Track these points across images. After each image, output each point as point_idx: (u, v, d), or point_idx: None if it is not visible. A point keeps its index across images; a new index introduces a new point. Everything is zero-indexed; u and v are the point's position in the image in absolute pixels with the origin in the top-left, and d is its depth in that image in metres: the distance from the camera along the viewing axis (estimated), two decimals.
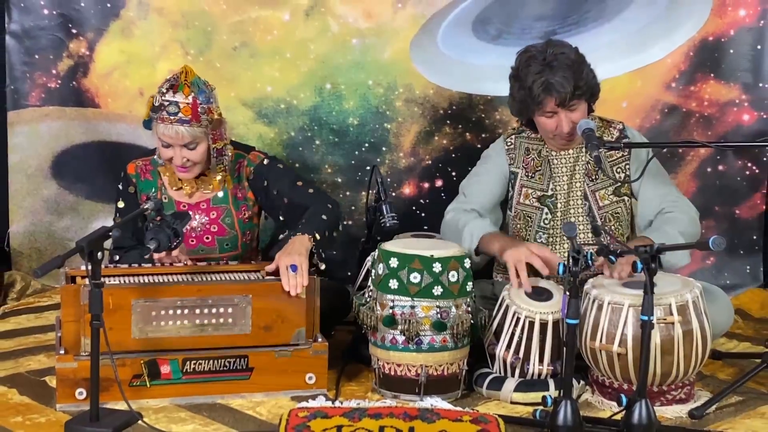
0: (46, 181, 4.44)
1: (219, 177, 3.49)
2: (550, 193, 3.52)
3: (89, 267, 2.83)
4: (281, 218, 3.54)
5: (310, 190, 3.50)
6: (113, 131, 4.42)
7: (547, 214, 3.52)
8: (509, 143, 3.61)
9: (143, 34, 4.35)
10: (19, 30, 4.33)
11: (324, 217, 3.36)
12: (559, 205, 3.52)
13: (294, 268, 3.14)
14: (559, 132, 3.41)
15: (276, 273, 3.18)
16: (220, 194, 3.52)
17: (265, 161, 3.56)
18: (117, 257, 3.49)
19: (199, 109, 3.33)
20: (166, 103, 3.32)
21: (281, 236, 3.50)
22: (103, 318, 2.83)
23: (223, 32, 4.36)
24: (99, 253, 2.85)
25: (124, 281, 3.20)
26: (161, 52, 4.36)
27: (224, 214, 3.52)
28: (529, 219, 3.54)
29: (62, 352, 3.04)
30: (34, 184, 4.43)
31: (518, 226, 3.56)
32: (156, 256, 3.24)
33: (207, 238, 3.51)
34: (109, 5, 4.32)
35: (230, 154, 3.49)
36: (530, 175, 3.56)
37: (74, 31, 4.34)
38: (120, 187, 3.56)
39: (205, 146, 3.39)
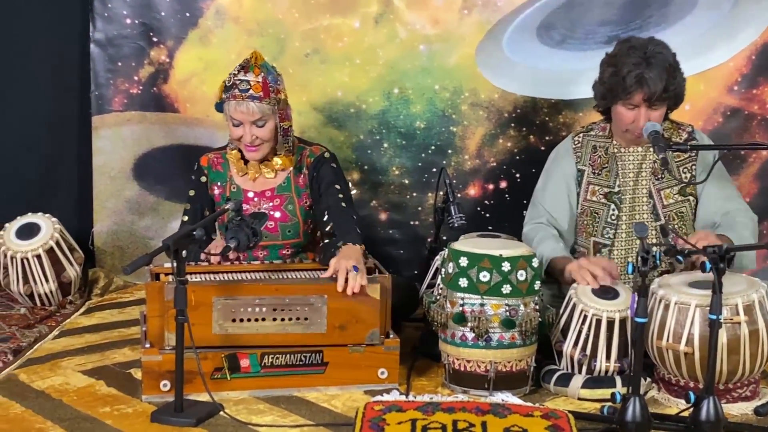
0: (129, 182, 4.48)
1: (282, 157, 3.49)
2: (616, 189, 3.46)
3: (175, 264, 2.84)
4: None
5: (340, 195, 3.48)
6: (191, 135, 4.44)
7: (614, 210, 3.46)
8: (576, 141, 3.55)
9: (220, 42, 4.37)
10: (103, 39, 4.37)
11: (358, 230, 3.38)
12: (625, 201, 3.45)
13: (356, 269, 3.11)
14: (633, 127, 3.36)
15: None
16: (284, 182, 3.53)
17: (326, 155, 3.58)
18: None
19: (269, 87, 3.37)
20: (238, 82, 3.38)
21: (321, 244, 3.50)
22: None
23: (295, 39, 4.36)
24: (183, 252, 2.86)
25: (206, 279, 3.22)
26: (237, 59, 4.31)
27: (287, 201, 3.53)
28: (596, 215, 3.48)
29: (147, 345, 3.05)
30: (117, 185, 4.47)
31: (585, 222, 3.50)
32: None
33: (270, 224, 3.50)
34: (188, 14, 4.35)
35: (294, 140, 3.51)
36: (597, 172, 3.49)
37: (155, 39, 4.37)
38: (192, 177, 3.61)
39: (273, 124, 3.42)
